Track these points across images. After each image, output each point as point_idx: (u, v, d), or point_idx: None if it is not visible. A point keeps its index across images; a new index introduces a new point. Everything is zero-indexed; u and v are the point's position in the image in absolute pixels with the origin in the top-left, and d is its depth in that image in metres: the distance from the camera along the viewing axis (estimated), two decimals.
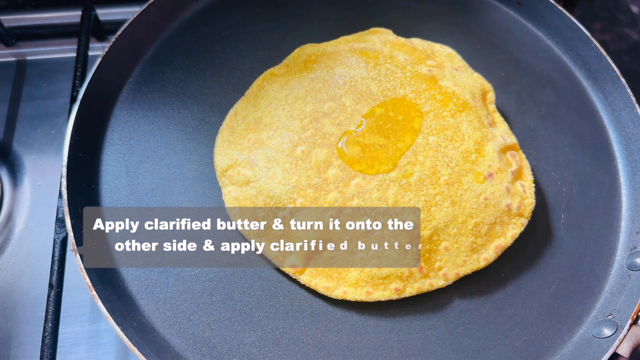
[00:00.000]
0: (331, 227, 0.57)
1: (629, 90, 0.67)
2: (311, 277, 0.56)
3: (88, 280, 0.51)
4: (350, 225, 0.57)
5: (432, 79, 0.65)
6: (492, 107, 0.68)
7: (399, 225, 0.57)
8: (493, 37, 0.76)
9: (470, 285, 0.58)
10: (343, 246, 0.56)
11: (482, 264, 0.58)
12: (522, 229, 0.60)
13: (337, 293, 0.56)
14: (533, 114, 0.70)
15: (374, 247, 0.56)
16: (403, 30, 0.72)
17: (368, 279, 0.56)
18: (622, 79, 0.67)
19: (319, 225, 0.56)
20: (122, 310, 0.53)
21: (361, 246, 0.56)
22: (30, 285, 0.64)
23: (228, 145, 0.63)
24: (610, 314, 0.56)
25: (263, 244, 0.57)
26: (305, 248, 0.56)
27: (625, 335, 0.52)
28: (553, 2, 0.73)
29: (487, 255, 0.58)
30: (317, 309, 0.56)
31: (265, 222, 0.57)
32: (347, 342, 0.54)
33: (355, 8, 0.76)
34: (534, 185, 0.62)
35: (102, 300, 0.51)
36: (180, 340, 0.53)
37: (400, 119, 0.61)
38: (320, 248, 0.56)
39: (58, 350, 0.55)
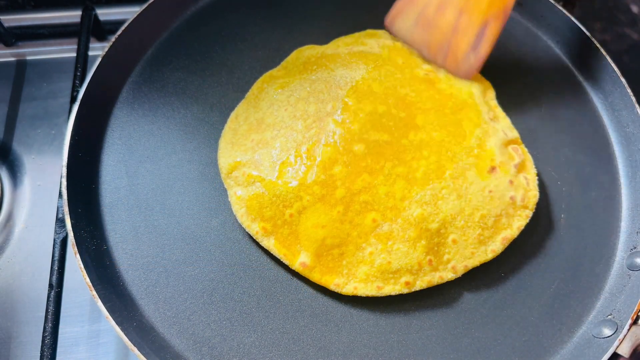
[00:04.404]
0: (339, 223, 0.57)
1: (629, 90, 0.67)
2: (321, 275, 0.56)
3: (88, 280, 0.51)
4: (358, 221, 0.57)
5: (430, 82, 0.66)
6: (494, 102, 0.68)
7: (407, 219, 0.57)
8: None
9: (470, 285, 0.58)
10: (352, 242, 0.57)
11: (489, 255, 0.58)
12: (527, 220, 0.60)
13: (348, 289, 0.56)
14: (533, 114, 0.70)
15: (383, 241, 0.56)
16: None
17: (378, 274, 0.56)
18: (622, 79, 0.67)
19: (327, 222, 0.56)
20: (122, 310, 0.53)
21: (370, 241, 0.57)
22: (30, 285, 0.64)
23: (231, 147, 0.63)
24: (610, 314, 0.56)
25: (272, 243, 0.57)
26: (314, 246, 0.56)
27: (625, 335, 0.52)
28: (553, 2, 0.73)
29: (495, 247, 0.58)
30: (317, 309, 0.56)
31: (272, 222, 0.58)
32: (347, 342, 0.54)
33: (354, 9, 0.76)
34: (537, 177, 0.63)
35: (102, 300, 0.51)
36: (180, 340, 0.53)
37: (403, 116, 0.62)
38: (330, 245, 0.56)
39: (58, 350, 0.55)
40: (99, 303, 0.50)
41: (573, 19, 0.72)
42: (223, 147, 0.63)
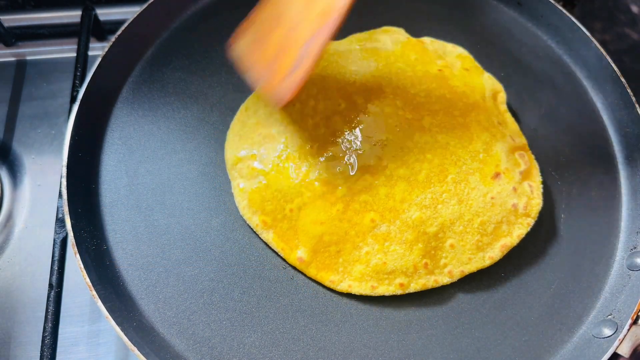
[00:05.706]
0: (338, 221, 0.57)
1: (629, 90, 0.67)
2: (317, 270, 0.57)
3: (88, 280, 0.51)
4: (357, 220, 0.57)
5: (443, 79, 0.65)
6: (503, 107, 0.68)
7: (405, 221, 0.57)
8: (493, 37, 0.76)
9: (471, 285, 0.58)
10: (349, 240, 0.57)
11: (487, 262, 0.58)
12: (529, 229, 0.60)
13: (342, 286, 0.56)
14: (533, 114, 0.70)
15: (380, 242, 0.56)
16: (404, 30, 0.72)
17: (373, 274, 0.56)
18: (622, 79, 0.67)
19: (326, 219, 0.56)
20: (122, 310, 0.53)
21: (367, 241, 0.57)
22: (30, 285, 0.64)
23: (239, 139, 0.63)
24: (610, 314, 0.56)
25: (270, 236, 0.58)
26: (312, 241, 0.56)
27: (625, 335, 0.52)
28: (553, 2, 0.73)
29: (493, 254, 0.58)
30: (317, 309, 0.56)
31: (273, 215, 0.58)
32: (347, 342, 0.54)
33: (361, 7, 0.76)
34: (542, 186, 0.62)
35: (102, 300, 0.51)
36: (180, 340, 0.53)
37: (410, 117, 0.61)
38: (327, 242, 0.56)
39: (58, 350, 0.55)
40: (99, 303, 0.50)
41: (573, 19, 0.72)
42: (231, 139, 0.64)
